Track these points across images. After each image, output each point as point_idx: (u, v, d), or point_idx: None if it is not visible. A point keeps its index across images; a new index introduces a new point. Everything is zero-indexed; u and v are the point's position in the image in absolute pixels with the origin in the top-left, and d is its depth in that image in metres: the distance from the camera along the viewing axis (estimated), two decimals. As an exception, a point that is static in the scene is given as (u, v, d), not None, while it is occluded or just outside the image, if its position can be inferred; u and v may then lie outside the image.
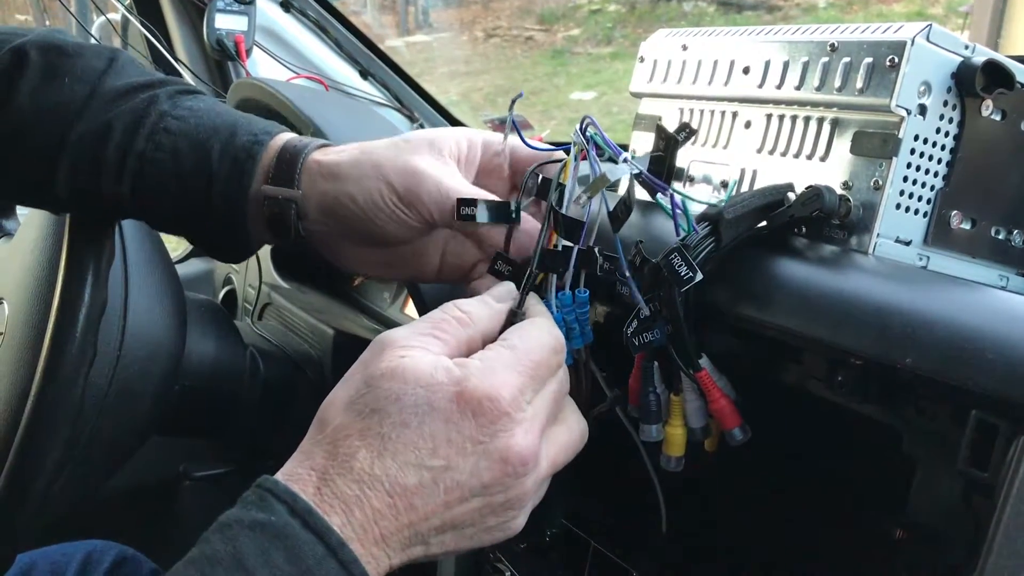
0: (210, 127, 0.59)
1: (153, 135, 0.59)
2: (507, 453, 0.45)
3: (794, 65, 0.56)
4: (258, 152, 0.59)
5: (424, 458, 0.44)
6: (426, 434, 0.44)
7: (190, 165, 0.59)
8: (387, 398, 0.45)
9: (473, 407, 0.44)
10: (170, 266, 0.93)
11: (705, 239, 0.51)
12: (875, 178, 0.52)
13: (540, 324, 0.50)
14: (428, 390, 0.45)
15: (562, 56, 6.95)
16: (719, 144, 0.62)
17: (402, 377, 0.45)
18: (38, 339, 0.72)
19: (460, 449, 0.44)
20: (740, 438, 0.52)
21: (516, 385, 0.46)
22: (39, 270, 0.77)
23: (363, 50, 1.59)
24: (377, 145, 0.59)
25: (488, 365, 0.46)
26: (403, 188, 0.56)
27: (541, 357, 0.48)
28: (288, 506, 0.42)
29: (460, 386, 0.45)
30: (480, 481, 0.45)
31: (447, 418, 0.44)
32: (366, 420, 0.44)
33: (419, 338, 0.47)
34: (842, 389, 0.50)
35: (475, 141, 0.61)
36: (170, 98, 0.60)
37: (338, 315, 1.15)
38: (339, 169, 0.58)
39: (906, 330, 0.45)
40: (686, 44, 0.65)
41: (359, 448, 0.43)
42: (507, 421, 0.45)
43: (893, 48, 0.50)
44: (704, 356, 0.52)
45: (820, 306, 0.49)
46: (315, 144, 0.60)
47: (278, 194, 0.58)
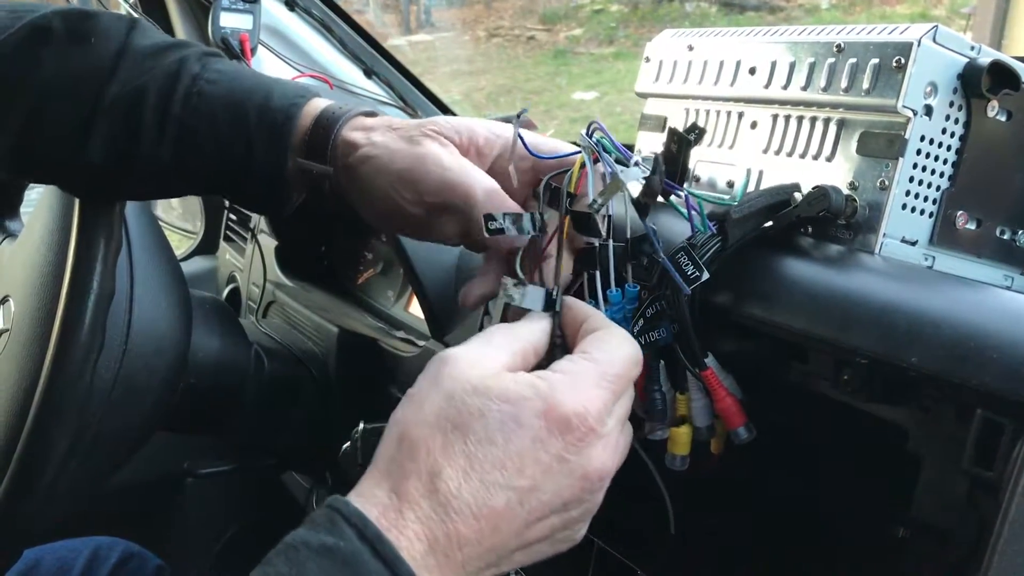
0: (243, 90, 0.60)
1: (188, 99, 0.59)
2: (588, 469, 0.44)
3: (800, 66, 0.56)
4: (295, 115, 0.59)
5: (511, 478, 0.42)
6: (513, 453, 0.42)
7: (228, 129, 0.59)
8: (471, 414, 0.43)
9: (561, 424, 0.43)
10: (174, 263, 0.94)
11: (712, 238, 0.51)
12: (881, 178, 0.52)
13: (619, 334, 0.48)
14: (514, 406, 0.43)
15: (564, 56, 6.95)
16: (725, 144, 0.62)
17: (486, 392, 0.43)
18: (44, 335, 0.73)
19: (547, 468, 0.43)
20: (745, 437, 0.53)
21: (602, 400, 0.44)
22: (45, 266, 0.78)
23: (367, 49, 1.59)
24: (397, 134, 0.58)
25: (572, 380, 0.44)
26: (410, 177, 0.57)
27: (623, 370, 0.46)
28: (358, 531, 0.40)
29: (547, 402, 0.43)
30: (561, 499, 0.44)
31: (535, 436, 0.43)
32: (448, 436, 0.42)
33: (485, 352, 0.46)
34: (847, 388, 0.50)
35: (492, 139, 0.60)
36: (199, 60, 0.61)
37: (342, 313, 1.15)
38: (359, 150, 0.58)
39: (911, 329, 0.45)
40: (692, 44, 0.65)
41: (443, 467, 0.41)
42: (593, 437, 0.44)
43: (900, 49, 0.51)
44: (710, 355, 0.53)
45: (826, 305, 0.49)
46: (347, 116, 0.60)
47: (312, 168, 0.59)
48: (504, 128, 0.61)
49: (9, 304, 0.83)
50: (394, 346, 1.03)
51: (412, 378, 1.02)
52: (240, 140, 0.59)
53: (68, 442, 0.73)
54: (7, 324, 0.82)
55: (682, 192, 0.51)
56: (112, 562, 1.00)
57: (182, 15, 1.58)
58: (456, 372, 0.44)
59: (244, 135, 0.59)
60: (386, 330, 1.08)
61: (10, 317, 0.82)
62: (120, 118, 0.60)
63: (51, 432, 0.72)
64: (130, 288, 0.82)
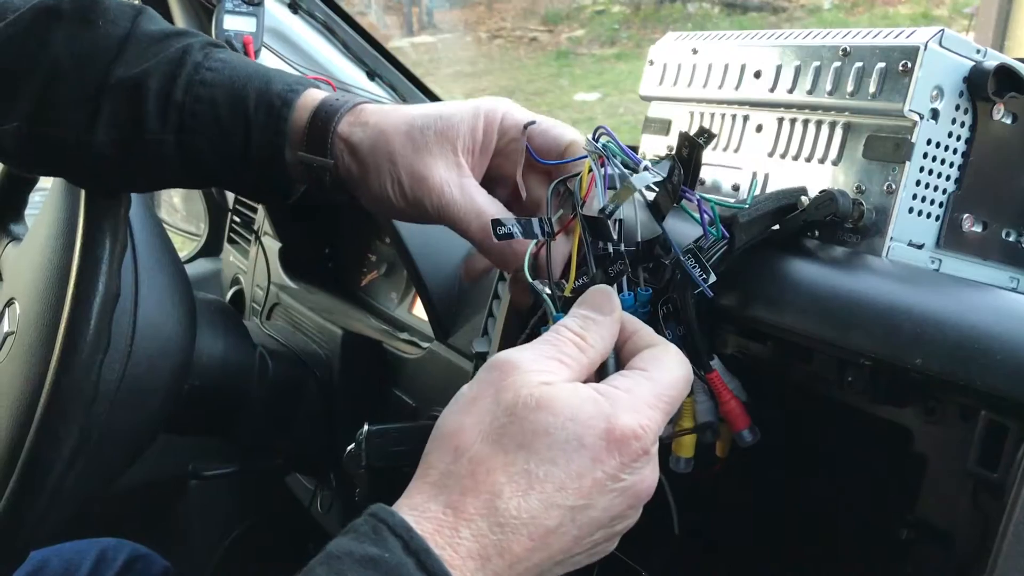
0: (243, 76, 0.61)
1: (191, 87, 0.60)
2: (640, 488, 0.44)
3: (806, 69, 0.56)
4: (292, 100, 0.60)
5: (568, 498, 0.41)
6: (574, 473, 0.41)
7: (227, 115, 0.60)
8: (535, 432, 0.42)
9: (620, 445, 0.42)
10: (179, 265, 0.94)
11: (719, 241, 0.52)
12: (888, 182, 0.52)
13: (675, 354, 0.47)
14: (578, 424, 0.42)
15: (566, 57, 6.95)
16: (730, 148, 0.62)
17: (550, 408, 0.42)
18: (50, 336, 0.73)
19: (601, 487, 0.42)
20: (749, 440, 0.53)
21: (657, 421, 0.44)
22: (49, 270, 0.78)
23: (370, 51, 1.59)
24: (397, 130, 0.58)
25: (632, 399, 0.44)
26: (410, 190, 0.57)
27: (678, 392, 0.46)
28: (403, 542, 0.39)
29: (610, 422, 0.42)
30: (609, 516, 0.43)
31: (595, 456, 0.42)
32: (511, 455, 0.41)
33: (546, 362, 0.45)
34: (852, 389, 0.50)
35: (491, 126, 0.60)
36: (202, 48, 0.62)
37: (346, 315, 1.16)
38: (359, 151, 0.59)
39: (916, 331, 0.45)
40: (696, 48, 0.65)
41: (504, 486, 0.41)
42: (646, 459, 0.44)
43: (906, 53, 0.51)
44: (716, 358, 0.53)
45: (830, 307, 0.49)
46: (345, 109, 0.60)
47: (313, 162, 0.60)
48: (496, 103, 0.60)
49: (15, 307, 0.83)
50: (398, 348, 1.03)
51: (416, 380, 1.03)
52: (239, 125, 0.60)
53: (74, 444, 0.73)
54: (13, 327, 0.82)
55: (694, 196, 0.51)
56: (118, 564, 1.00)
57: (186, 17, 1.58)
58: (518, 382, 0.43)
59: (243, 119, 0.60)
60: (390, 332, 1.08)
61: (15, 320, 0.82)
62: (124, 101, 0.60)
63: (57, 434, 0.72)
64: (135, 290, 0.83)
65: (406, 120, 0.58)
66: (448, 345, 0.98)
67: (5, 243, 0.95)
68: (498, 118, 0.59)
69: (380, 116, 0.59)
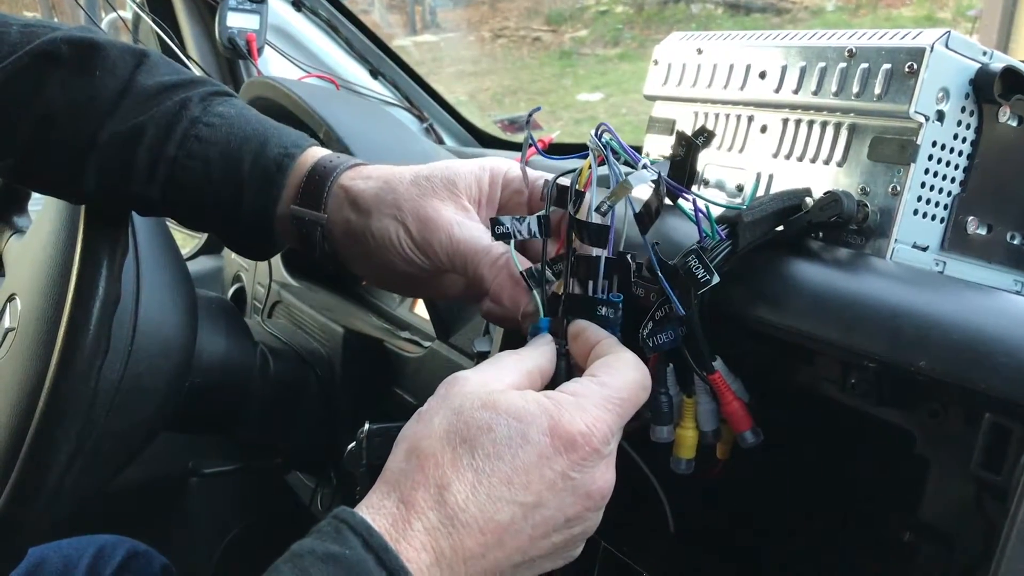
0: (241, 136, 0.60)
1: (185, 142, 0.59)
2: (592, 488, 0.45)
3: (811, 70, 0.56)
4: (288, 166, 0.59)
5: (517, 493, 0.43)
6: (519, 468, 0.43)
7: (220, 174, 0.59)
8: (479, 427, 0.43)
9: (566, 443, 0.44)
10: (181, 263, 0.94)
11: (722, 242, 0.51)
12: (893, 184, 0.52)
13: (629, 360, 0.49)
14: (521, 422, 0.44)
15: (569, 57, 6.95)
16: (735, 148, 0.62)
17: (494, 407, 0.44)
18: (51, 334, 0.73)
19: (551, 485, 0.44)
20: (752, 441, 0.52)
21: (607, 422, 0.45)
22: (52, 266, 0.78)
23: (373, 49, 1.59)
24: (402, 179, 0.58)
25: (579, 401, 0.45)
26: (418, 233, 0.57)
27: (630, 395, 0.47)
28: (363, 539, 0.40)
29: (554, 420, 0.44)
30: (564, 516, 0.44)
31: (541, 452, 0.43)
32: (458, 451, 0.43)
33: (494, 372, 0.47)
34: (855, 391, 0.50)
35: (496, 179, 0.60)
36: (202, 101, 0.61)
37: (347, 313, 1.16)
38: (362, 200, 0.58)
39: (920, 333, 0.45)
40: (701, 48, 0.65)
41: (452, 480, 0.42)
42: (597, 458, 0.45)
43: (912, 54, 0.51)
44: (719, 359, 0.53)
45: (834, 308, 0.49)
46: (345, 166, 0.60)
47: (304, 216, 0.59)
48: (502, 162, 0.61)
49: (16, 302, 0.83)
50: (399, 347, 1.03)
51: (417, 379, 1.03)
52: (231, 185, 0.60)
53: (73, 442, 0.73)
54: (13, 323, 0.82)
55: (690, 196, 0.51)
56: (117, 561, 1.00)
57: (189, 15, 1.58)
58: (465, 389, 0.45)
59: (236, 181, 0.59)
60: (391, 331, 1.08)
61: (16, 316, 0.82)
62: (114, 155, 0.60)
63: (56, 432, 0.72)
64: (136, 288, 0.83)
65: (411, 171, 0.59)
66: (449, 344, 0.98)
67: (8, 236, 0.94)
68: (502, 172, 0.60)
69: (383, 170, 0.60)
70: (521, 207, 0.61)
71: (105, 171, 0.60)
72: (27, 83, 0.60)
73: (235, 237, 0.63)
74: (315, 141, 0.62)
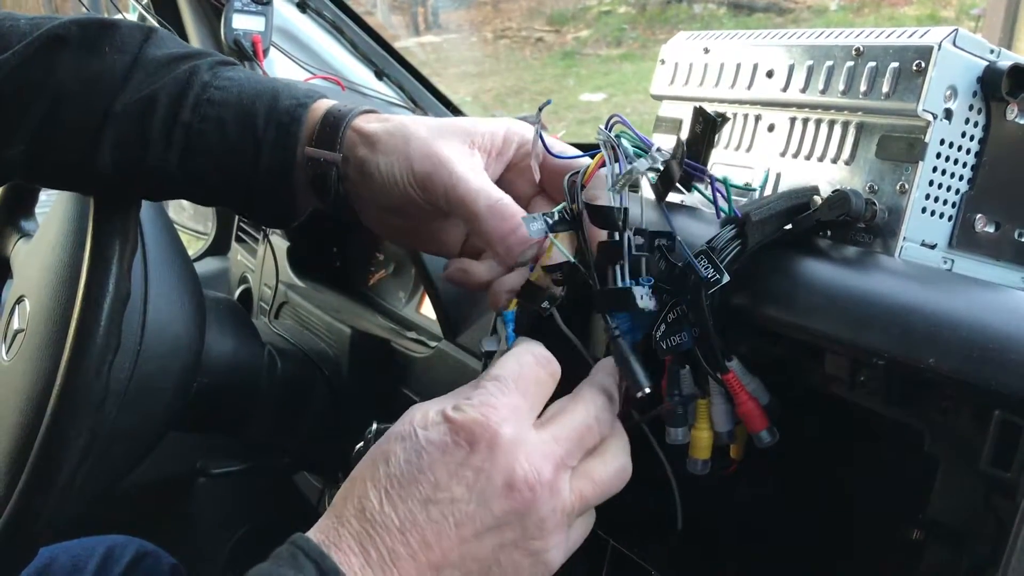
0: (252, 94, 0.61)
1: (198, 107, 0.60)
2: (511, 478, 0.45)
3: (819, 69, 0.56)
4: (302, 115, 0.60)
5: (428, 492, 0.45)
6: (426, 467, 0.45)
7: (236, 133, 0.60)
8: (390, 439, 0.47)
9: (466, 435, 0.46)
10: (188, 263, 0.94)
11: (731, 241, 0.51)
12: (901, 182, 0.52)
13: (517, 351, 0.51)
14: (425, 428, 0.47)
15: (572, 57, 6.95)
16: (742, 147, 0.62)
17: (405, 419, 0.48)
18: (60, 333, 0.73)
19: (461, 479, 0.45)
20: (768, 441, 0.52)
21: (507, 406, 0.47)
22: (60, 266, 0.78)
23: (378, 51, 1.59)
24: (417, 122, 0.59)
25: (475, 398, 0.48)
26: (420, 169, 0.57)
27: (523, 371, 0.49)
28: (317, 565, 0.43)
29: (450, 419, 0.46)
30: (491, 512, 0.45)
31: (443, 449, 0.46)
32: (376, 464, 0.46)
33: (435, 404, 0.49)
34: (864, 389, 0.50)
35: (511, 137, 0.61)
36: (211, 68, 0.61)
37: (354, 314, 1.16)
38: (375, 138, 0.59)
39: (930, 330, 0.45)
40: (708, 47, 0.65)
41: (368, 489, 0.45)
42: (507, 444, 0.46)
43: (920, 53, 0.51)
44: (735, 359, 0.53)
45: (843, 306, 0.49)
46: (358, 111, 0.61)
47: (320, 156, 0.60)
48: (522, 126, 0.62)
49: (25, 304, 0.84)
50: (406, 347, 1.03)
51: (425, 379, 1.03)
52: (248, 142, 0.60)
53: (84, 441, 0.73)
54: (23, 324, 0.82)
55: (706, 174, 0.51)
56: (126, 561, 1.00)
57: (194, 17, 1.58)
58: None
59: (252, 137, 0.60)
60: (398, 331, 1.09)
61: (26, 317, 0.82)
62: (129, 126, 0.60)
63: (67, 432, 0.72)
64: (144, 289, 0.83)
65: (429, 119, 0.60)
66: (457, 344, 0.98)
67: (16, 239, 0.95)
68: (518, 134, 0.61)
69: (399, 117, 0.61)
70: (529, 170, 0.61)
71: (121, 144, 0.61)
72: (38, 66, 0.60)
73: (253, 199, 0.63)
74: (324, 93, 0.63)
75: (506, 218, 0.56)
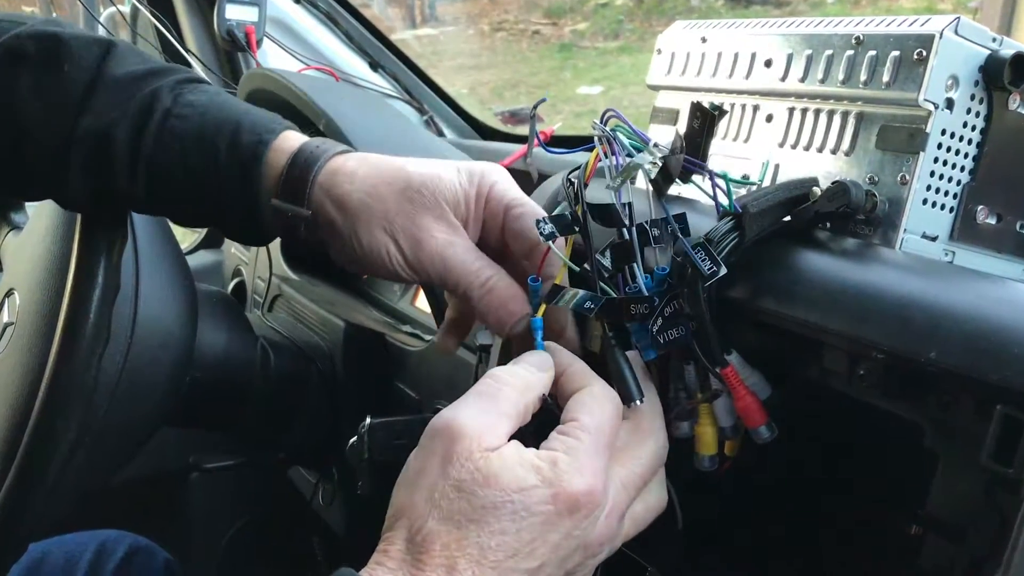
0: (213, 125, 0.58)
1: (160, 136, 0.58)
2: (591, 539, 0.46)
3: (818, 58, 0.56)
4: (262, 154, 0.58)
5: (521, 562, 0.44)
6: (525, 539, 0.44)
7: (200, 168, 0.58)
8: (483, 508, 0.44)
9: (570, 506, 0.44)
10: (180, 256, 0.93)
11: (729, 233, 0.51)
12: (902, 173, 0.51)
13: (599, 394, 0.49)
14: (524, 495, 0.44)
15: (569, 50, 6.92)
16: (740, 138, 0.61)
17: (496, 483, 0.44)
18: (50, 326, 0.72)
19: (555, 546, 0.45)
20: (766, 436, 0.52)
21: (602, 469, 0.46)
22: (50, 260, 0.77)
23: (373, 42, 1.58)
24: (391, 187, 0.56)
25: (574, 459, 0.45)
26: (410, 252, 0.55)
27: (611, 431, 0.48)
28: None
29: (555, 487, 0.44)
30: (564, 569, 0.46)
31: (545, 520, 0.44)
32: (463, 530, 0.43)
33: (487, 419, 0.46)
34: (863, 383, 0.49)
35: (480, 196, 0.58)
36: (171, 91, 0.59)
37: (348, 307, 1.15)
38: (349, 205, 0.56)
39: (930, 323, 0.44)
40: (705, 36, 0.64)
41: (458, 559, 0.43)
42: (599, 511, 0.46)
43: (921, 41, 0.50)
44: (734, 352, 0.52)
45: (843, 299, 0.48)
46: (326, 156, 0.58)
47: (287, 211, 0.57)
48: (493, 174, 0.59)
49: (14, 297, 0.83)
50: (401, 340, 1.03)
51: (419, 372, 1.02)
52: (212, 179, 0.58)
53: (73, 436, 0.72)
54: (12, 318, 0.81)
55: (705, 170, 0.50)
56: (119, 556, 1.00)
57: (187, 8, 1.57)
58: (462, 455, 0.45)
59: (215, 174, 0.58)
60: (393, 324, 1.08)
61: (15, 310, 0.81)
62: (93, 153, 0.58)
63: (56, 426, 0.71)
64: (136, 282, 0.82)
65: (401, 179, 0.56)
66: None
67: (5, 232, 0.94)
68: (487, 188, 0.58)
69: (368, 168, 0.57)
70: (498, 224, 0.58)
71: (87, 171, 0.59)
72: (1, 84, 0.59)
73: (228, 229, 0.62)
74: (290, 124, 0.61)
75: (497, 297, 0.55)
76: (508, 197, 0.57)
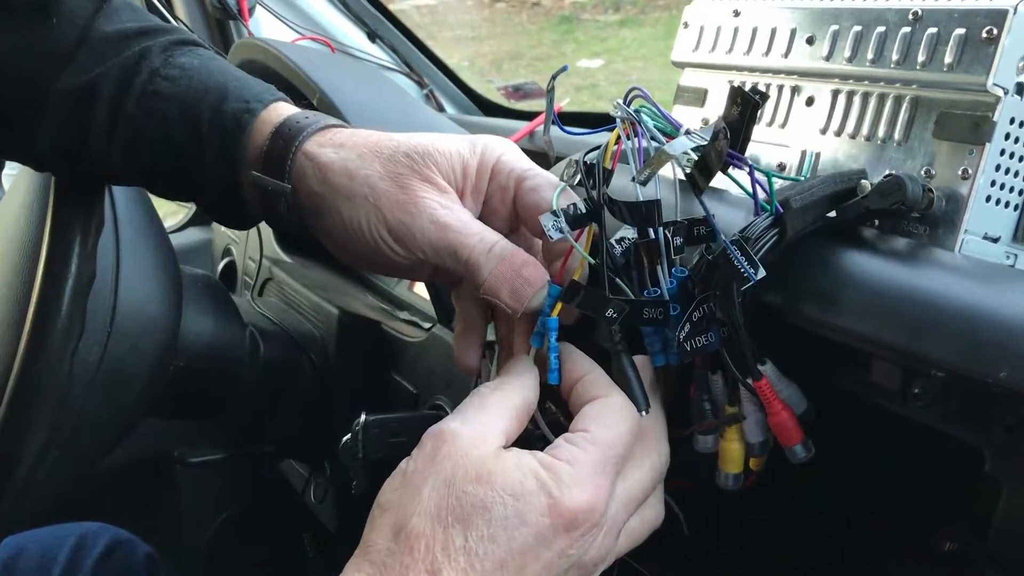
0: (200, 90, 0.54)
1: (143, 98, 0.54)
2: (585, 560, 0.43)
3: (868, 35, 0.50)
4: (248, 123, 0.53)
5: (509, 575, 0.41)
6: (515, 551, 0.41)
7: (180, 134, 0.54)
8: (473, 506, 0.41)
9: (567, 522, 0.42)
10: (164, 237, 0.88)
11: (768, 230, 0.45)
12: (963, 166, 0.46)
13: (617, 406, 0.46)
14: (520, 501, 0.41)
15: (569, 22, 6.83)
16: (776, 123, 0.56)
17: (489, 481, 0.41)
18: (22, 315, 0.67)
19: (548, 565, 0.41)
20: (802, 456, 0.47)
21: (606, 488, 0.43)
22: (24, 241, 0.72)
23: (371, 11, 1.52)
24: (379, 153, 0.51)
25: (578, 471, 0.42)
26: (393, 218, 0.49)
27: (624, 449, 0.45)
28: None
29: (553, 498, 0.41)
30: None
31: (539, 534, 0.41)
32: (449, 531, 0.40)
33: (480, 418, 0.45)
34: (918, 403, 0.44)
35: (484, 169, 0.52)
36: (163, 51, 0.55)
37: (343, 293, 1.10)
38: (331, 174, 0.51)
39: (1001, 339, 0.39)
40: (738, 9, 0.58)
41: (443, 565, 0.40)
42: (596, 530, 0.43)
43: (991, 17, 0.44)
44: (768, 363, 0.47)
45: (898, 309, 0.43)
46: (313, 128, 0.53)
47: (267, 184, 0.52)
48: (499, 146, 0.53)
49: (-17, 283, 0.77)
50: (398, 329, 0.97)
51: (417, 365, 0.97)
52: (192, 146, 0.54)
53: (45, 434, 0.68)
54: (-20, 306, 0.76)
55: (745, 164, 0.45)
56: (99, 550, 0.96)
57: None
58: (455, 452, 0.42)
59: (196, 140, 0.53)
60: (389, 312, 1.03)
61: (-16, 298, 0.76)
62: (69, 111, 0.55)
63: (27, 423, 0.67)
64: (116, 265, 0.77)
65: (390, 144, 0.51)
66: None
67: (-25, 213, 0.88)
68: (492, 159, 0.52)
69: (358, 138, 0.52)
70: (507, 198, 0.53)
71: (60, 131, 0.55)
72: None
73: (208, 206, 0.57)
74: (283, 95, 0.56)
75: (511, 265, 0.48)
76: (519, 168, 0.52)
